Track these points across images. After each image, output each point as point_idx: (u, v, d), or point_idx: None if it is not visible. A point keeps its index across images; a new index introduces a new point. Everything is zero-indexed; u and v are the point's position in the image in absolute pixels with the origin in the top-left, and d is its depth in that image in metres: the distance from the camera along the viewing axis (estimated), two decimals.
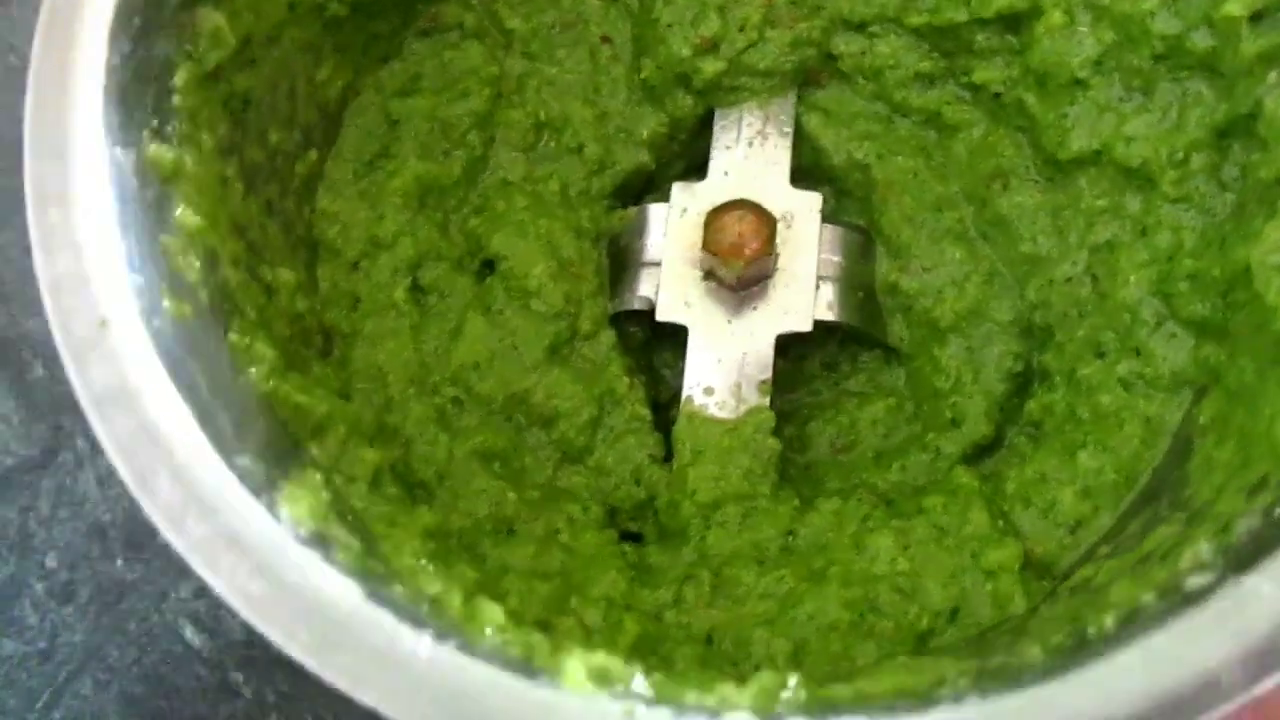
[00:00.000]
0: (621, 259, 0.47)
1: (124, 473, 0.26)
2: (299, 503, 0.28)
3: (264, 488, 0.27)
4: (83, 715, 0.46)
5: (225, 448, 0.27)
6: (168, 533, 0.25)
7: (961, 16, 0.44)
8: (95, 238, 0.29)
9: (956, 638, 0.36)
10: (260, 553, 0.26)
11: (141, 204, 0.30)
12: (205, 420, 0.28)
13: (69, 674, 0.46)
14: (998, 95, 0.44)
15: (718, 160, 0.47)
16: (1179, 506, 0.32)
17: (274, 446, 0.30)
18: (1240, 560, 0.25)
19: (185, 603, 0.48)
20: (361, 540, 0.30)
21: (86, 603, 0.48)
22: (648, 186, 0.49)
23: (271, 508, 0.27)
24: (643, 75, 0.46)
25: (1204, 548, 0.26)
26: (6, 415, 0.50)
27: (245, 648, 0.47)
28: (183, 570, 0.27)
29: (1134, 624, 0.25)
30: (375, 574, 0.28)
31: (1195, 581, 0.25)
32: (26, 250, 0.28)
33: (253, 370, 0.32)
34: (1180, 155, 0.39)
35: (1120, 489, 0.38)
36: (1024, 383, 0.44)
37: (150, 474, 0.26)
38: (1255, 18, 0.35)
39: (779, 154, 0.47)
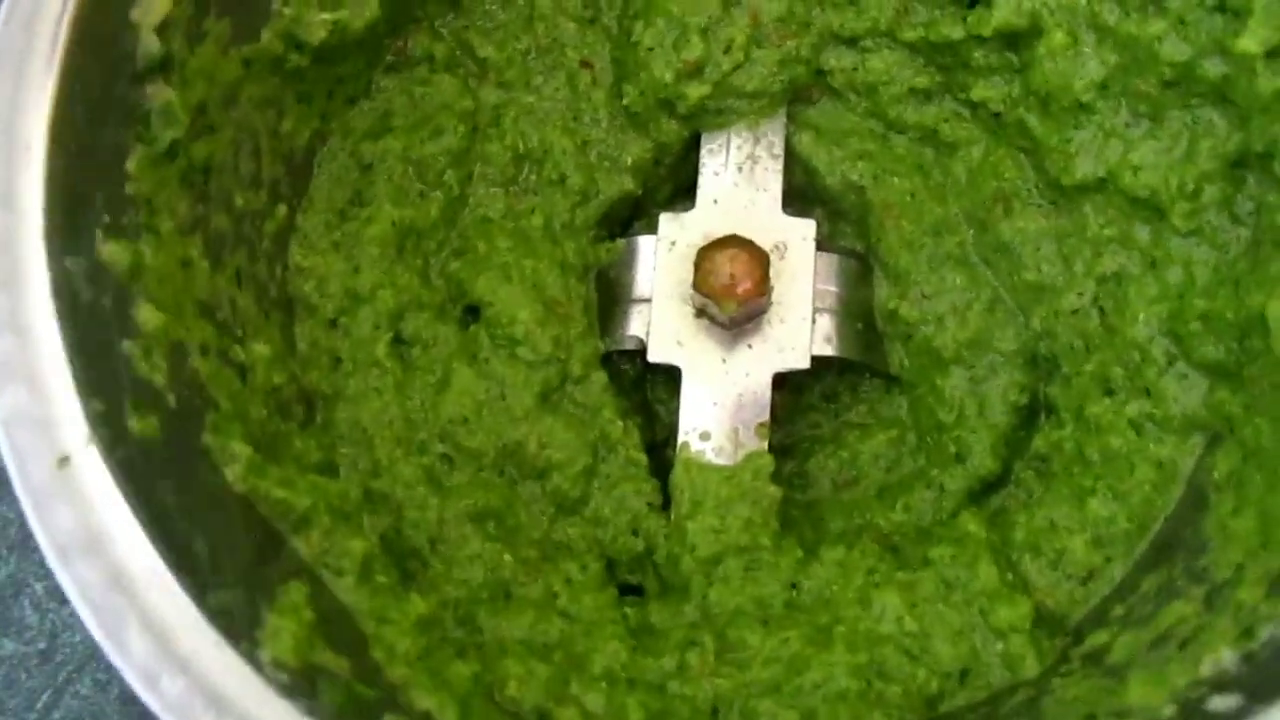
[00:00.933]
0: (610, 293, 0.45)
1: (93, 627, 0.25)
2: (281, 636, 0.27)
3: (243, 628, 0.26)
4: (83, 715, 0.46)
5: (200, 586, 0.26)
6: (143, 693, 0.24)
7: (958, 33, 0.41)
8: (50, 366, 0.27)
9: (966, 700, 0.35)
10: (239, 708, 0.25)
11: (97, 315, 0.29)
12: (178, 557, 0.26)
13: (69, 674, 0.46)
14: (998, 115, 0.42)
15: (706, 188, 0.45)
16: (1196, 578, 0.31)
17: (255, 563, 0.29)
18: (1264, 681, 0.24)
19: None
20: (350, 656, 0.29)
21: None
22: (635, 213, 0.47)
23: (251, 654, 0.25)
24: (625, 102, 0.44)
25: (1227, 655, 0.25)
26: None
27: None
28: None
29: None
30: (365, 701, 0.27)
31: (1220, 704, 0.24)
32: None
33: (228, 471, 0.31)
34: (1191, 187, 0.37)
35: (1132, 538, 0.37)
36: (1030, 414, 0.42)
37: (121, 627, 0.25)
38: (1271, 54, 0.32)
39: (770, 178, 0.45)
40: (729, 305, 0.42)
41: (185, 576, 0.26)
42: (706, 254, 0.42)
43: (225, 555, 0.28)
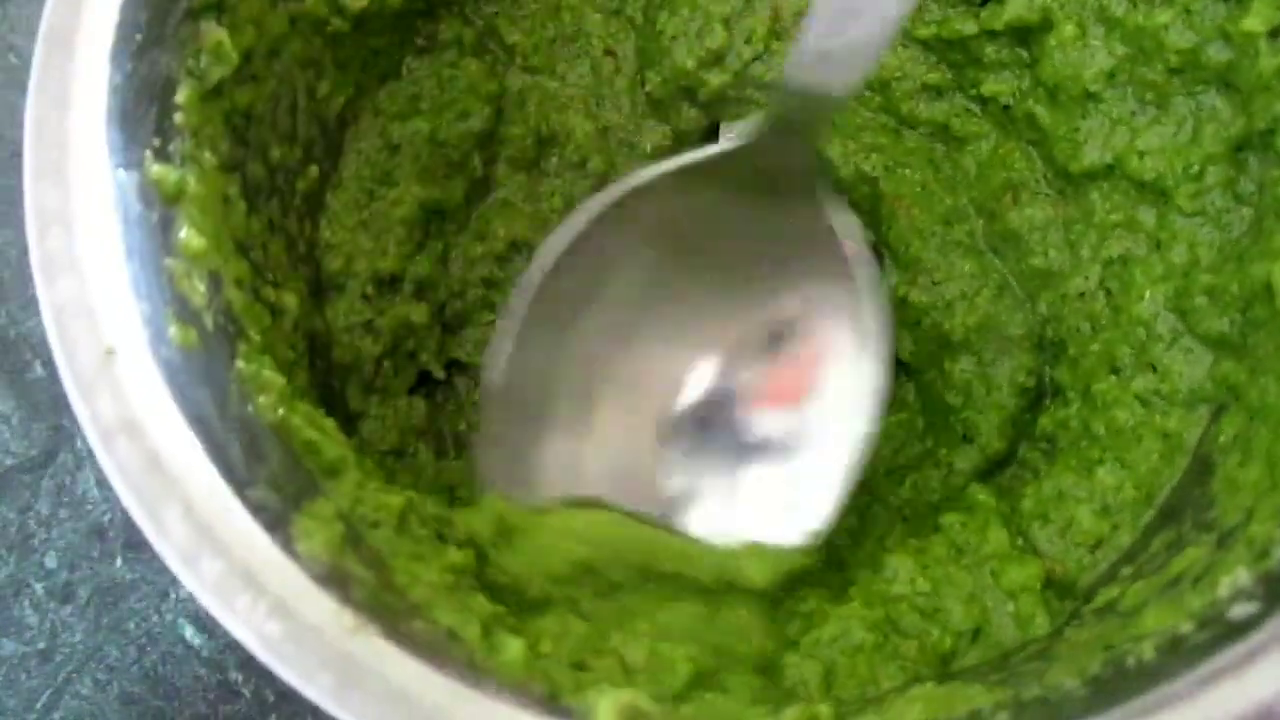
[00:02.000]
0: None
1: (134, 509, 0.25)
2: (313, 536, 0.27)
3: (278, 522, 0.26)
4: (83, 715, 0.46)
5: (237, 480, 0.26)
6: (181, 573, 0.24)
7: (970, 29, 0.43)
8: (99, 262, 0.28)
9: (979, 659, 0.35)
10: (276, 591, 0.25)
11: (145, 227, 0.29)
12: (216, 451, 0.27)
13: (69, 674, 0.46)
14: (1007, 108, 0.44)
15: None
16: (1205, 528, 0.32)
17: (287, 477, 0.29)
18: None
19: (185, 603, 0.47)
20: (376, 574, 0.29)
21: (86, 603, 0.47)
22: None
23: (286, 544, 0.26)
24: (647, 88, 0.46)
25: (1243, 574, 0.26)
26: (6, 415, 0.50)
27: (245, 647, 0.47)
28: None
29: (1176, 654, 0.25)
30: (393, 608, 0.27)
31: (1240, 611, 0.24)
32: (25, 250, 0.28)
33: (261, 399, 0.31)
34: (1195, 169, 0.38)
35: (1139, 506, 0.37)
36: (1036, 397, 0.43)
37: (162, 509, 0.25)
38: (1274, 33, 0.34)
39: None
40: None
41: (222, 470, 0.26)
42: None
43: (259, 464, 0.29)
